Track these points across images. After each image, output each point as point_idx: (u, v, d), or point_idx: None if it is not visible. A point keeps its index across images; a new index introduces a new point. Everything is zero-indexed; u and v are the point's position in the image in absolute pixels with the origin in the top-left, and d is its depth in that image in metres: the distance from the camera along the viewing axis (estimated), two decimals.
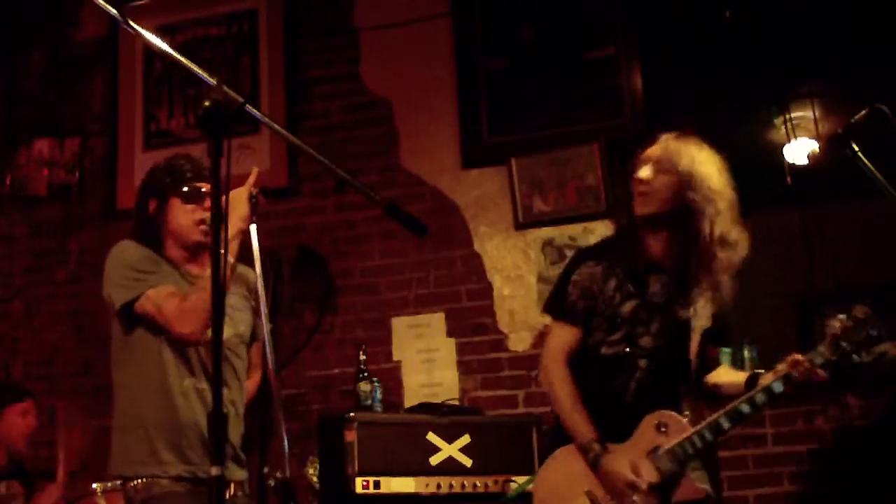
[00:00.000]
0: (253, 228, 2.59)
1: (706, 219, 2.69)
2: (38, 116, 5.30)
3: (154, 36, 2.20)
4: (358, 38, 5.00)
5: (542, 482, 2.81)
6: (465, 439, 3.70)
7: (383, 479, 3.56)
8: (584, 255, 2.89)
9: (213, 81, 2.01)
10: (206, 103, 1.87)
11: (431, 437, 3.68)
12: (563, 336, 2.80)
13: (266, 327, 2.61)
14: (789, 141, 5.71)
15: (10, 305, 5.11)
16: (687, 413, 2.75)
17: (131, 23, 2.10)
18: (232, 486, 2.72)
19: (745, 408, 2.60)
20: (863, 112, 2.62)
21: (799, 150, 5.93)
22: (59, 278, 5.08)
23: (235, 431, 2.78)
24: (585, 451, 2.68)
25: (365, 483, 3.52)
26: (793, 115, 5.54)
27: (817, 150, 5.91)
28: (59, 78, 5.34)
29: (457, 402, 4.36)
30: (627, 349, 2.73)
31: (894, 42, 4.41)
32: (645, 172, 2.77)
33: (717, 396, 2.80)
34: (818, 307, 6.78)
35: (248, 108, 2.05)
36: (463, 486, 3.64)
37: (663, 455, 2.64)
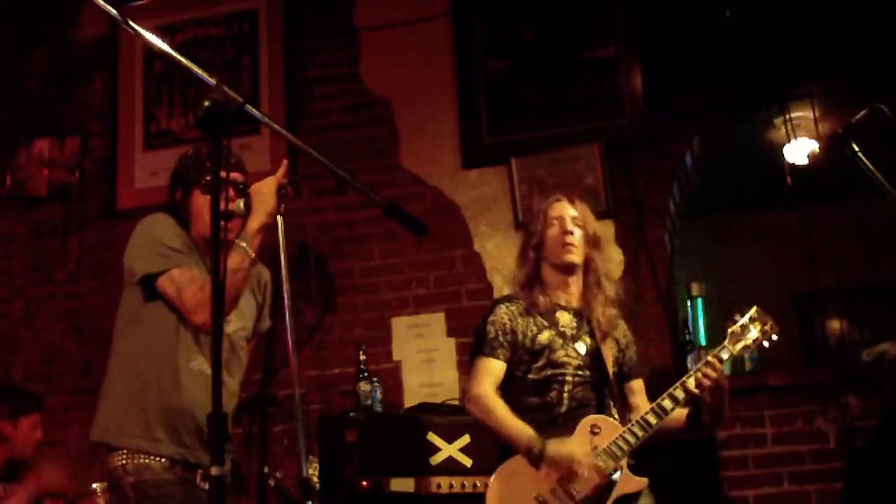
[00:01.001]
0: (280, 221, 2.58)
1: (602, 277, 3.17)
2: (38, 116, 5.30)
3: (154, 36, 2.20)
4: (358, 38, 5.00)
5: (492, 499, 2.96)
6: (465, 439, 3.70)
7: (383, 479, 3.55)
8: (497, 302, 3.24)
9: (212, 81, 2.01)
10: (206, 103, 1.87)
11: (431, 437, 3.67)
12: (488, 367, 3.08)
13: (289, 320, 2.59)
14: (789, 141, 5.71)
15: (10, 305, 5.11)
16: (616, 417, 3.04)
17: (131, 23, 2.09)
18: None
19: (667, 403, 2.93)
20: (863, 112, 2.62)
21: (799, 150, 5.94)
22: (59, 278, 5.07)
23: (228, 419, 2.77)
24: (529, 452, 2.90)
25: (365, 483, 3.52)
26: (793, 115, 5.54)
27: (817, 150, 5.91)
28: (59, 78, 5.34)
29: (457, 402, 4.36)
30: (551, 372, 3.02)
31: (894, 42, 4.41)
32: (569, 223, 3.16)
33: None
34: (818, 307, 6.81)
35: (248, 108, 2.05)
36: (463, 486, 3.64)
37: (601, 454, 2.90)
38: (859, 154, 2.59)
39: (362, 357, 4.28)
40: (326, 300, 4.72)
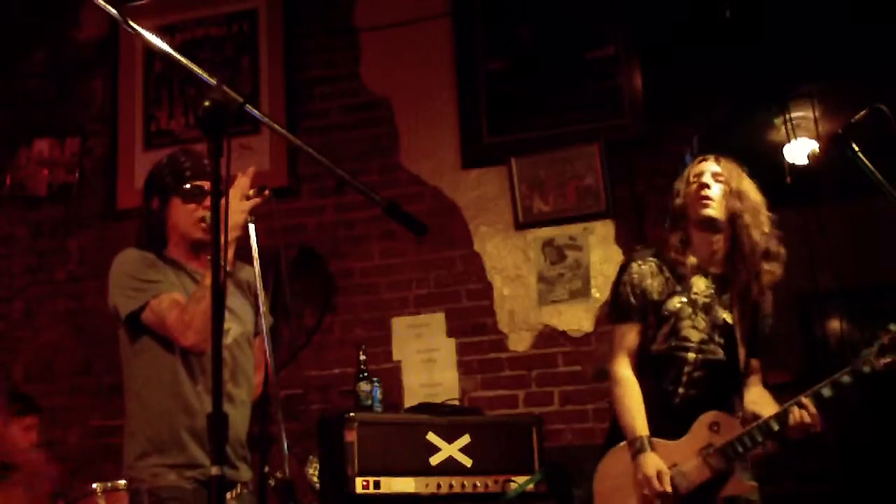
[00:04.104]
0: (252, 228, 2.58)
1: (753, 231, 2.91)
2: (38, 116, 5.30)
3: (154, 36, 2.20)
4: (358, 38, 5.00)
5: (602, 478, 2.94)
6: (465, 439, 3.70)
7: (383, 479, 3.55)
8: (632, 257, 3.06)
9: (212, 81, 2.01)
10: (206, 103, 1.87)
11: (431, 437, 3.67)
12: (624, 335, 2.96)
13: (266, 325, 2.60)
14: (789, 141, 5.71)
15: (10, 305, 5.11)
16: (739, 414, 2.90)
17: (131, 23, 2.09)
18: (238, 485, 2.72)
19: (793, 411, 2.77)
20: (863, 112, 2.62)
21: (799, 150, 5.93)
22: (59, 278, 5.08)
23: (245, 431, 2.78)
24: (631, 446, 2.84)
25: (365, 483, 3.52)
26: (793, 115, 5.54)
27: (817, 150, 5.91)
28: (59, 78, 5.34)
29: (457, 402, 4.36)
30: (674, 344, 2.88)
31: (894, 42, 4.41)
32: (708, 178, 2.96)
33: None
34: (819, 307, 6.81)
35: (248, 108, 2.05)
36: (463, 486, 3.64)
37: (715, 452, 2.80)
38: (859, 154, 2.59)
39: (362, 357, 4.28)
40: (326, 300, 4.72)
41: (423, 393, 4.47)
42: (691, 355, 2.88)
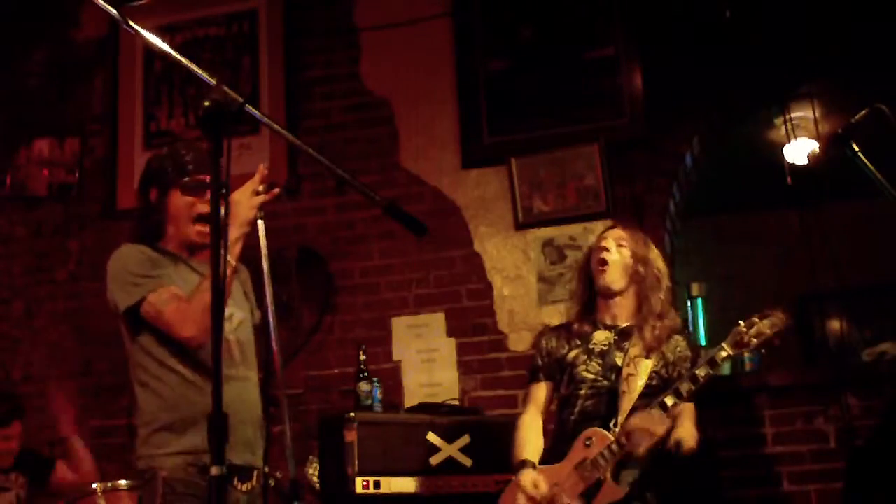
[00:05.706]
0: (260, 224, 2.56)
1: (651, 296, 3.24)
2: (38, 116, 5.30)
3: (154, 36, 2.20)
4: (358, 38, 5.00)
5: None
6: (465, 439, 3.71)
7: (383, 479, 3.55)
8: (547, 329, 3.52)
9: (212, 81, 2.01)
10: (206, 103, 1.87)
11: (431, 437, 3.68)
12: (532, 393, 3.36)
13: (272, 321, 2.58)
14: (789, 141, 5.72)
15: (10, 305, 5.11)
16: (615, 429, 3.06)
17: (131, 23, 2.10)
18: (255, 472, 2.71)
19: (654, 412, 2.98)
20: (863, 112, 2.62)
21: (799, 150, 5.95)
22: (59, 278, 5.08)
23: (260, 410, 2.76)
24: (515, 469, 3.16)
25: (365, 483, 3.52)
26: (793, 115, 5.55)
27: (817, 150, 5.92)
28: (59, 78, 5.34)
29: (457, 402, 4.36)
30: (572, 385, 3.22)
31: (894, 42, 4.41)
32: (611, 244, 3.29)
33: None
34: (818, 307, 6.82)
35: (248, 108, 2.05)
36: (463, 485, 3.64)
37: (587, 465, 3.04)
38: (859, 154, 2.59)
39: (362, 357, 4.28)
40: (326, 300, 4.72)
41: (423, 393, 4.47)
42: (583, 391, 3.18)
